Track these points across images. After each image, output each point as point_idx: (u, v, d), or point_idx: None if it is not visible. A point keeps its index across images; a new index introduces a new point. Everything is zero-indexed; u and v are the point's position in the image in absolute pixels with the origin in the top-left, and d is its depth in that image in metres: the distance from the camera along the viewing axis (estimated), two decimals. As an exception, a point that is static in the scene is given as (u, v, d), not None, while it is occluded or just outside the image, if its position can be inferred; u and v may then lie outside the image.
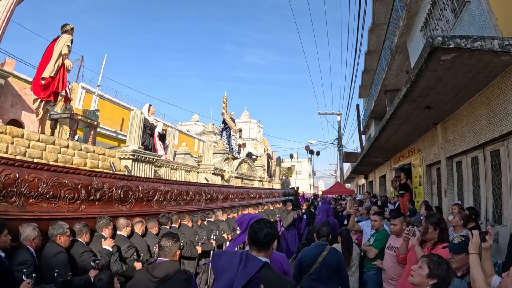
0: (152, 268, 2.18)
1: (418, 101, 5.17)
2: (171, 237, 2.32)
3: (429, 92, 4.83)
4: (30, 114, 9.56)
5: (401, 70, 10.86)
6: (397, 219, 3.34)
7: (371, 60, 15.42)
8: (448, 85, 4.60)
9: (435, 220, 2.68)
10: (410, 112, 5.75)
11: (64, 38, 4.76)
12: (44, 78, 4.57)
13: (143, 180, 4.44)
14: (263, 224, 1.66)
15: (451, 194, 6.27)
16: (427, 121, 6.37)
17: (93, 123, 5.78)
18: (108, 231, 3.29)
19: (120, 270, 3.02)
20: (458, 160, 6.09)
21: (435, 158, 6.98)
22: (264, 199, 10.52)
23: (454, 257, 2.21)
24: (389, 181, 12.44)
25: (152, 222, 4.01)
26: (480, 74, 4.29)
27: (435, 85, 4.56)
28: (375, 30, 13.25)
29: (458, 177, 6.11)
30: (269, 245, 1.64)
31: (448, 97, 5.04)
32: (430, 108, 5.52)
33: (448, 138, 6.15)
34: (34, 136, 3.86)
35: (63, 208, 3.11)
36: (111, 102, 15.45)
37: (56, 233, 2.73)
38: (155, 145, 6.87)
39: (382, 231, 3.78)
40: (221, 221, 5.73)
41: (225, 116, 12.18)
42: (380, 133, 7.46)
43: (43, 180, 2.95)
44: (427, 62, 3.86)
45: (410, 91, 4.72)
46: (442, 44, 3.56)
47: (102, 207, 3.57)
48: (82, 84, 13.86)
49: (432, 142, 7.12)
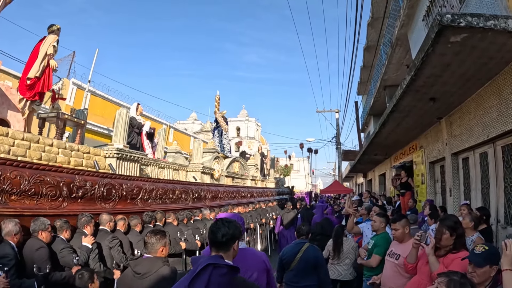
0: (135, 264, 2.21)
1: (422, 91, 4.74)
2: (155, 232, 2.31)
3: (435, 82, 4.41)
4: (16, 113, 9.37)
5: (401, 64, 10.46)
6: (397, 223, 2.89)
7: (370, 55, 15.00)
8: (456, 73, 4.18)
9: (452, 223, 2.24)
10: (413, 105, 5.33)
11: (50, 38, 4.79)
12: (30, 78, 4.61)
13: (127, 178, 4.43)
14: (221, 223, 1.61)
15: (457, 193, 5.86)
16: (431, 114, 5.96)
17: (80, 122, 5.78)
18: (89, 228, 3.31)
19: (97, 269, 3.03)
20: (465, 157, 5.67)
21: (439, 155, 6.57)
22: (256, 198, 10.36)
23: (476, 270, 1.79)
24: (389, 180, 12.05)
25: (135, 220, 4.00)
26: (491, 60, 3.87)
27: (442, 73, 4.13)
28: (374, 24, 12.85)
29: (465, 175, 5.69)
30: (228, 245, 1.58)
31: (455, 87, 4.62)
32: (435, 100, 5.10)
33: (454, 133, 5.74)
34: (19, 134, 3.91)
35: (45, 205, 3.16)
36: (103, 98, 15.01)
37: (38, 228, 2.79)
38: (142, 143, 6.76)
39: (383, 234, 3.35)
40: (209, 220, 5.58)
41: (217, 115, 11.84)
42: (381, 129, 7.04)
43: (25, 177, 2.99)
44: (434, 44, 3.44)
45: (414, 80, 4.29)
46: (452, 22, 3.13)
47: (85, 204, 3.61)
48: (74, 80, 13.41)
49: (435, 138, 6.71)
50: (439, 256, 2.30)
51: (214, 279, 1.28)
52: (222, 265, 1.34)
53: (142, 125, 6.82)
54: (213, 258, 1.38)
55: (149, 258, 2.22)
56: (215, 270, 1.30)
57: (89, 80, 13.20)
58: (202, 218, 5.54)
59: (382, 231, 3.36)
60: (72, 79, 13.41)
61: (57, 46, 4.89)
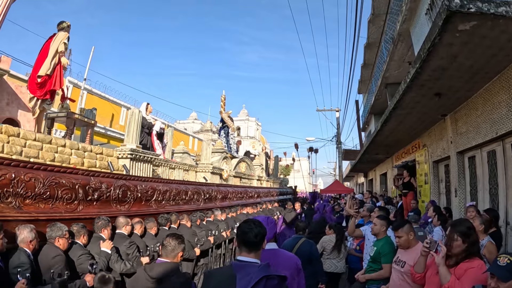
0: (150, 268, 2.16)
1: (427, 86, 4.48)
2: (175, 237, 2.26)
3: (441, 75, 4.15)
4: (26, 113, 9.40)
5: (403, 61, 10.20)
6: (400, 230, 2.59)
7: (371, 53, 14.76)
8: (464, 66, 3.92)
9: (465, 229, 1.98)
10: (417, 100, 5.07)
11: (60, 35, 4.67)
12: (40, 76, 4.48)
13: (142, 179, 4.37)
14: (253, 224, 1.61)
15: (463, 193, 5.60)
16: (436, 111, 5.70)
17: (90, 122, 5.77)
18: (107, 232, 3.18)
19: (124, 268, 2.92)
20: (471, 155, 5.41)
21: (443, 154, 6.31)
22: (262, 198, 10.40)
23: (500, 284, 1.54)
24: (390, 179, 11.80)
25: (151, 223, 3.92)
26: (501, 51, 3.62)
27: (449, 65, 3.88)
28: (375, 20, 12.61)
29: (471, 174, 5.43)
30: (260, 245, 1.60)
31: (462, 81, 4.36)
32: (441, 96, 4.84)
33: (459, 131, 5.48)
34: (31, 135, 3.80)
35: (60, 208, 3.05)
36: (100, 97, 14.76)
37: (54, 235, 2.66)
38: (153, 144, 6.79)
39: (385, 239, 3.08)
40: (220, 220, 5.58)
41: (223, 115, 11.94)
42: (382, 126, 6.79)
43: (39, 180, 2.88)
44: (442, 33, 3.19)
45: (419, 73, 4.04)
46: (461, 7, 2.89)
47: (100, 207, 3.51)
48: (70, 78, 13.16)
49: (440, 136, 6.45)
50: (450, 266, 2.05)
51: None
52: (274, 276, 1.40)
53: (152, 125, 6.81)
54: (264, 270, 1.41)
55: (166, 263, 2.15)
56: (269, 281, 1.36)
57: (84, 78, 12.97)
58: (213, 219, 5.48)
59: (382, 236, 3.09)
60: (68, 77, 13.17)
61: (68, 43, 4.79)
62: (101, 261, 2.83)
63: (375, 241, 3.12)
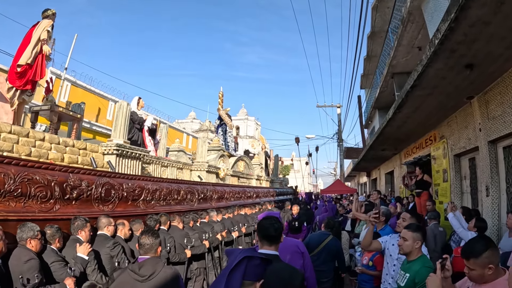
0: (138, 267, 2.05)
1: (459, 52, 3.47)
2: (150, 234, 2.17)
3: (479, 34, 3.14)
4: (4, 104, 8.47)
5: (412, 46, 9.23)
6: (473, 261, 1.50)
7: (374, 44, 13.77)
8: (511, 18, 2.90)
9: None
10: (442, 75, 4.05)
11: (44, 23, 4.46)
12: (20, 65, 4.26)
13: (128, 177, 4.13)
14: (272, 220, 1.82)
15: (496, 192, 4.56)
16: (462, 91, 4.67)
17: (76, 116, 5.45)
18: (84, 233, 2.92)
19: (99, 281, 2.70)
20: (507, 145, 4.38)
21: (468, 145, 5.28)
22: (262, 199, 10.13)
23: None
24: (398, 178, 10.77)
25: (137, 224, 3.62)
26: None
27: (492, 18, 2.85)
28: (379, 7, 11.62)
29: (508, 168, 4.40)
30: (279, 238, 1.81)
31: (504, 44, 3.33)
32: (473, 68, 3.83)
33: (492, 115, 4.46)
34: (6, 127, 3.59)
35: (33, 207, 2.85)
36: (85, 89, 13.72)
37: (26, 236, 2.44)
38: (144, 140, 6.41)
39: (422, 261, 2.03)
40: (215, 222, 5.34)
41: (220, 112, 11.36)
42: (395, 114, 5.76)
43: (10, 175, 2.68)
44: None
45: (453, 30, 3.01)
46: None
47: (80, 207, 3.29)
48: (52, 68, 12.12)
49: (464, 124, 5.43)
50: None
51: (249, 270, 1.52)
52: (256, 257, 1.59)
53: (143, 120, 6.40)
54: (247, 252, 1.60)
55: (150, 259, 2.11)
56: (250, 261, 1.55)
57: (65, 68, 11.84)
58: (208, 221, 5.21)
59: (417, 255, 2.07)
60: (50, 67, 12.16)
61: (52, 32, 4.55)
62: (76, 267, 2.56)
63: (406, 264, 2.10)
